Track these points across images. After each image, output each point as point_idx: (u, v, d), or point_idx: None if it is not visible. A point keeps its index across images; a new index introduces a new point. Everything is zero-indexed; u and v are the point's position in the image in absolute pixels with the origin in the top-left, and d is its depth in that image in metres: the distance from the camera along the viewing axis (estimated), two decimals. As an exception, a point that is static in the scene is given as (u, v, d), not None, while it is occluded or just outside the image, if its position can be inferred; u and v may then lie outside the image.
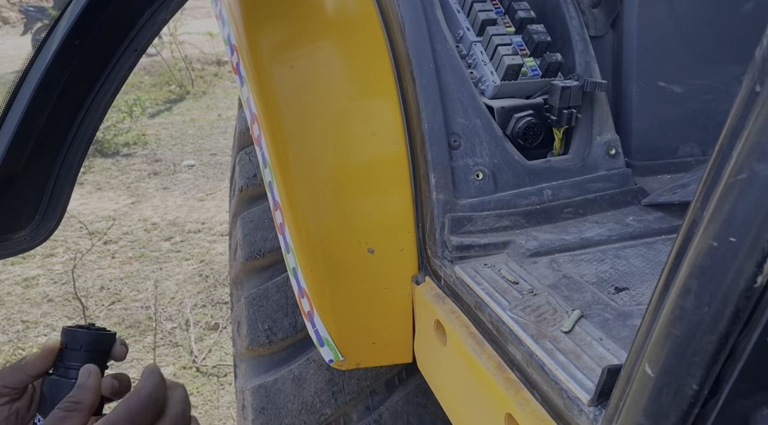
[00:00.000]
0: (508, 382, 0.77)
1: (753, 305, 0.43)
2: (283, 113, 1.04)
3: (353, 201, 1.02)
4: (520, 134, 1.02)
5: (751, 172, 0.40)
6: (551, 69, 1.05)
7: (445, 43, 1.03)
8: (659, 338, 0.49)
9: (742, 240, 0.42)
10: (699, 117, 1.15)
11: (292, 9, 1.13)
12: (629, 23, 1.13)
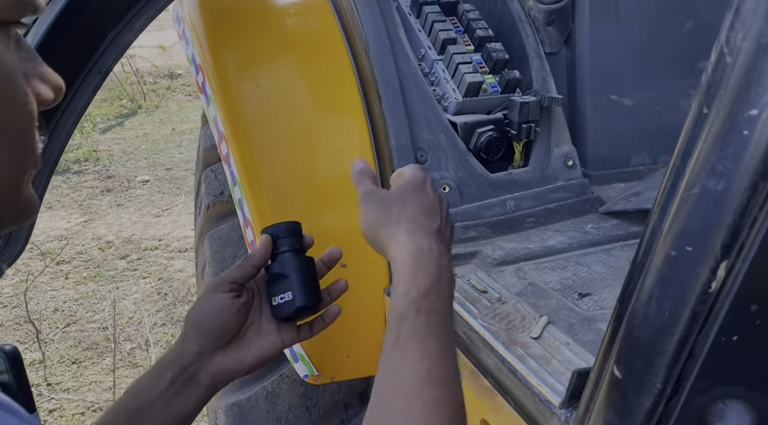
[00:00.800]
0: (482, 389, 0.80)
1: (708, 308, 0.47)
2: (251, 131, 1.05)
3: (324, 217, 1.04)
4: (483, 148, 1.06)
5: (703, 187, 0.44)
6: (510, 85, 1.09)
7: (408, 62, 1.07)
8: (625, 342, 0.52)
9: (697, 249, 0.46)
10: (648, 128, 1.22)
11: (256, 28, 1.14)
12: (581, 40, 1.19)
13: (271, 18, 1.18)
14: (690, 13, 1.21)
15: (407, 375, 0.56)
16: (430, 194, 0.68)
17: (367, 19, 1.08)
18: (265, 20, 1.16)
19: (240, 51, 1.12)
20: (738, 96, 0.41)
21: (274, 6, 1.21)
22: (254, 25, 1.15)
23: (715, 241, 0.45)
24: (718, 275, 0.45)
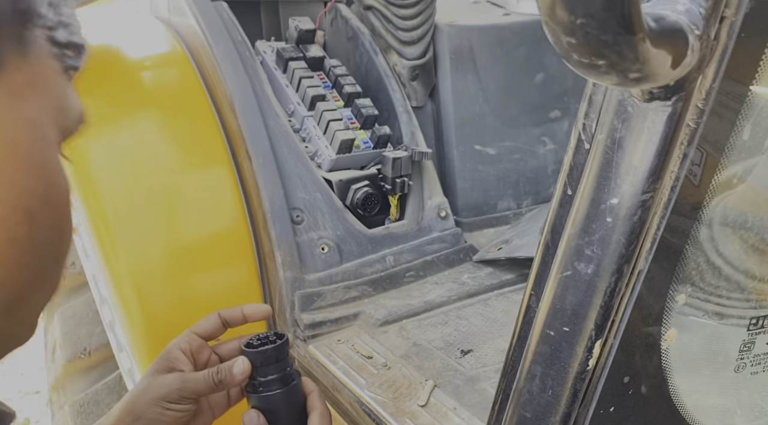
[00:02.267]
0: (374, 463, 0.77)
1: (587, 384, 0.48)
2: (104, 199, 0.95)
3: (194, 289, 0.96)
4: (359, 204, 1.05)
5: (575, 270, 0.46)
6: (381, 141, 1.10)
7: (277, 119, 1.04)
8: (512, 420, 0.52)
9: (574, 330, 0.47)
10: (511, 174, 1.29)
11: (107, 86, 1.05)
12: (445, 95, 1.23)
13: (124, 72, 1.09)
14: (539, 67, 1.31)
15: None
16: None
17: (230, 76, 1.04)
18: (118, 75, 1.08)
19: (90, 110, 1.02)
20: (599, 185, 0.43)
21: (128, 59, 1.12)
22: (105, 81, 1.05)
23: (590, 321, 0.46)
24: (593, 353, 0.47)
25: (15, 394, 2.92)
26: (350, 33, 1.22)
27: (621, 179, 0.42)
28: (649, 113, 0.40)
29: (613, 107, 0.42)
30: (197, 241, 0.99)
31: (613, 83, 0.32)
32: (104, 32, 1.14)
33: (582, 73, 0.32)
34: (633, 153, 0.41)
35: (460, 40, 1.23)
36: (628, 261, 0.44)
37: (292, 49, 1.16)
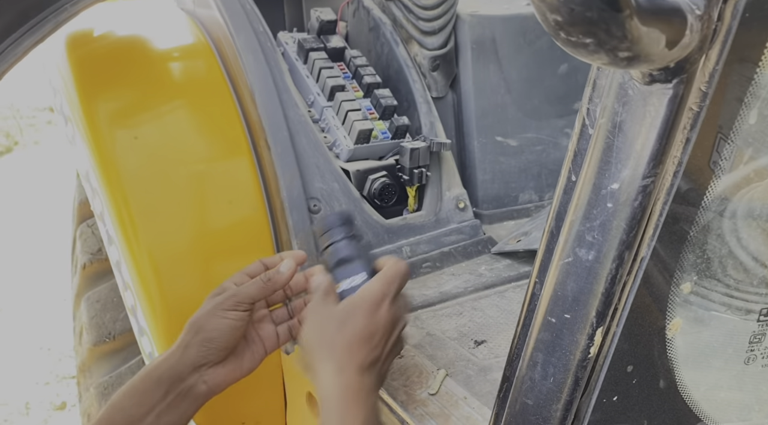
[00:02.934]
0: (384, 450, 0.77)
1: (589, 372, 0.48)
2: (128, 187, 0.98)
3: (212, 276, 0.98)
4: (377, 194, 1.06)
5: (576, 257, 0.45)
6: (400, 131, 1.10)
7: (297, 109, 1.04)
8: (514, 407, 0.52)
9: (575, 317, 0.46)
10: (533, 167, 1.27)
11: (132, 76, 1.08)
12: (466, 85, 1.23)
13: (149, 63, 1.12)
14: (563, 58, 1.29)
15: None
16: (380, 317, 0.67)
17: (251, 66, 1.05)
18: (142, 66, 1.10)
19: (114, 100, 1.05)
20: (600, 169, 0.43)
21: (152, 50, 1.15)
22: (130, 72, 1.08)
23: (591, 308, 0.46)
24: (595, 340, 0.46)
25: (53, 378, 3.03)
26: (372, 23, 1.22)
27: (621, 164, 0.41)
28: (649, 96, 0.39)
29: (614, 91, 0.41)
30: (217, 229, 1.01)
31: (605, 63, 0.32)
32: (131, 23, 1.17)
33: (572, 52, 0.32)
34: (634, 137, 0.40)
35: (482, 30, 1.22)
36: (630, 248, 0.43)
37: (313, 40, 1.17)
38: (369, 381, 0.64)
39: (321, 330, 0.67)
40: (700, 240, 0.45)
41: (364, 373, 0.64)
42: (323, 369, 0.64)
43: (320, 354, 0.65)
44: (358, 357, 0.64)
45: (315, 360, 0.66)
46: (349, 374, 0.63)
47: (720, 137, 0.42)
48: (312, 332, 0.68)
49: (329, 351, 0.65)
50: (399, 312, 0.70)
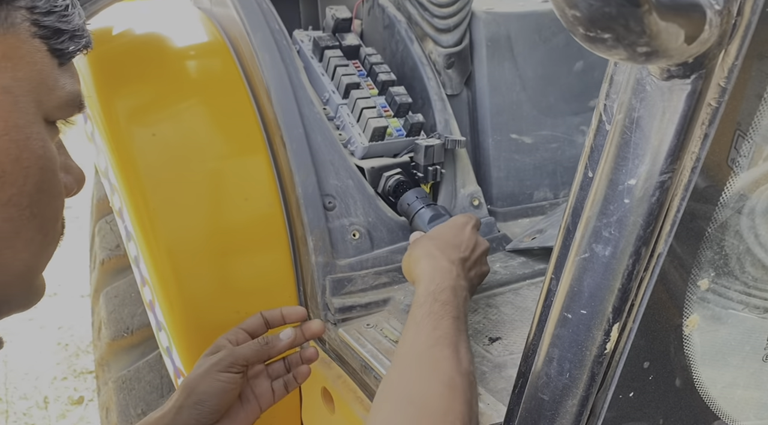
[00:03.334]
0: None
1: (605, 368, 0.48)
2: (146, 183, 0.99)
3: (229, 272, 0.99)
4: (391, 191, 1.06)
5: (592, 252, 0.45)
6: (414, 129, 1.10)
7: (312, 107, 1.05)
8: (530, 403, 0.52)
9: (591, 312, 0.46)
10: (548, 164, 1.27)
11: (149, 73, 1.09)
12: (480, 82, 1.22)
13: (166, 61, 1.13)
14: (578, 55, 1.28)
15: (420, 341, 0.64)
16: (463, 234, 0.82)
17: (267, 64, 1.06)
18: (159, 64, 1.11)
19: (132, 97, 1.06)
20: (617, 165, 0.43)
21: (170, 49, 1.16)
22: (148, 70, 1.09)
23: (607, 304, 0.46)
24: (611, 336, 0.46)
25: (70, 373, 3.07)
26: (386, 21, 1.23)
27: (639, 160, 0.41)
28: (667, 91, 0.39)
29: (631, 86, 0.41)
30: (233, 225, 1.02)
31: (623, 58, 0.32)
32: (149, 22, 1.19)
33: (590, 47, 0.32)
34: (651, 133, 0.40)
35: (498, 27, 1.22)
36: (647, 243, 0.43)
37: (329, 38, 1.18)
38: (458, 271, 0.74)
39: (417, 247, 0.80)
40: (718, 237, 0.45)
41: (454, 263, 0.75)
42: (418, 263, 0.76)
43: (415, 258, 0.77)
44: (449, 254, 0.76)
45: (413, 265, 0.77)
46: (440, 259, 0.75)
47: (738, 133, 0.42)
48: (410, 252, 0.81)
49: (424, 253, 0.77)
50: (480, 239, 0.83)
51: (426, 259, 0.76)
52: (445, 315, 0.67)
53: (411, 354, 0.64)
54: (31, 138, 0.42)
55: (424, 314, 0.67)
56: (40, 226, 0.44)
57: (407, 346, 0.65)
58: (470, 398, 0.60)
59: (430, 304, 0.68)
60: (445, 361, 0.62)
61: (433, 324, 0.65)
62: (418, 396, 0.58)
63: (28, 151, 0.42)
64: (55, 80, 0.45)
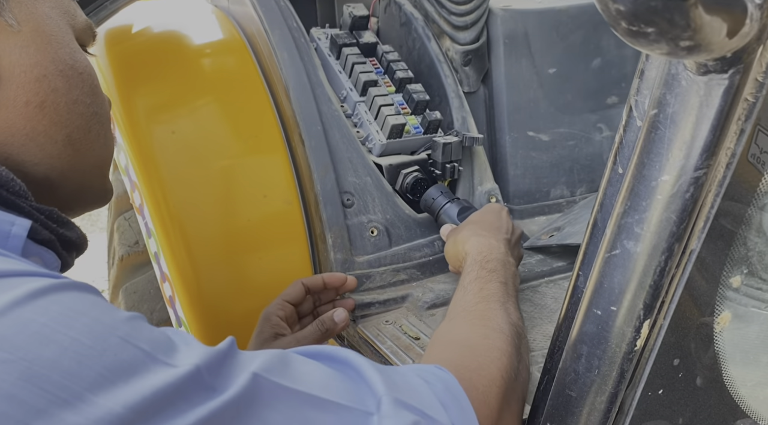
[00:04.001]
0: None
1: (635, 365, 0.48)
2: (166, 180, 1.00)
3: (248, 268, 1.00)
4: (409, 188, 1.06)
5: (623, 249, 0.45)
6: (432, 126, 1.10)
7: (330, 104, 1.05)
8: (557, 399, 0.52)
9: (621, 309, 0.46)
10: (565, 162, 1.26)
11: (169, 71, 1.10)
12: (498, 80, 1.22)
13: (185, 60, 1.14)
14: (596, 52, 1.28)
15: (467, 300, 0.67)
16: (502, 218, 0.87)
17: (285, 62, 1.06)
18: (178, 62, 1.12)
19: (152, 95, 1.07)
20: (651, 161, 0.43)
21: (188, 47, 1.17)
22: (167, 68, 1.10)
23: (638, 301, 0.45)
24: (642, 333, 0.46)
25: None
26: (403, 19, 1.23)
27: (673, 156, 0.41)
28: (703, 86, 0.39)
29: (666, 81, 0.41)
30: (252, 222, 1.02)
31: (664, 53, 0.32)
32: (168, 20, 1.19)
33: (630, 42, 0.32)
34: (686, 128, 0.40)
35: (515, 24, 1.22)
36: (679, 240, 0.43)
37: (346, 36, 1.18)
38: (501, 244, 0.79)
39: (459, 234, 0.84)
40: (751, 235, 0.45)
41: (500, 242, 0.79)
42: (464, 243, 0.80)
43: (461, 241, 0.81)
44: (495, 234, 0.81)
45: (459, 249, 0.81)
46: (487, 238, 0.79)
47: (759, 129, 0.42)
48: (452, 239, 0.86)
49: (469, 235, 0.81)
50: (515, 223, 0.89)
51: (473, 238, 0.79)
52: (492, 280, 0.70)
53: (457, 310, 0.67)
54: (77, 51, 0.51)
55: (471, 279, 0.71)
56: (102, 123, 0.53)
57: (454, 305, 0.69)
58: (518, 343, 0.62)
59: (477, 271, 0.72)
60: (491, 312, 0.65)
61: (479, 286, 0.69)
62: (464, 338, 0.61)
63: (78, 60, 0.50)
64: (74, 9, 0.53)
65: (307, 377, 0.40)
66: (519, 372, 0.59)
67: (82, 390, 0.30)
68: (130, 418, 0.30)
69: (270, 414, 0.36)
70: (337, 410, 0.40)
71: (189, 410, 0.32)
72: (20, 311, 0.31)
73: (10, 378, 0.29)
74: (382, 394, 0.42)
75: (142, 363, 0.33)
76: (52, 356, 0.30)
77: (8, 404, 0.28)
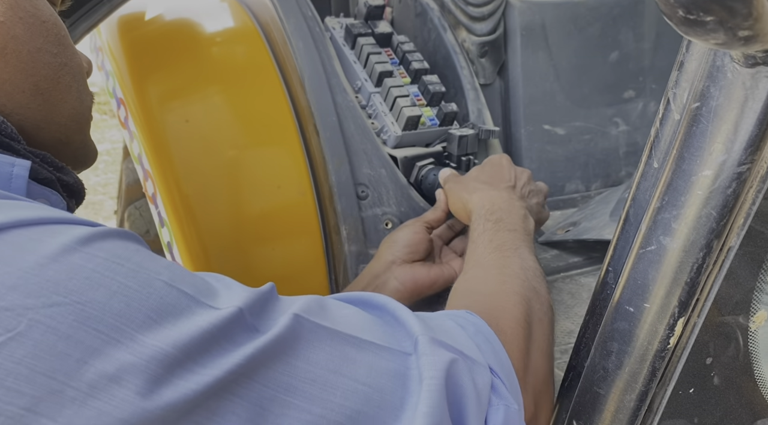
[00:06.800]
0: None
1: (666, 363, 0.47)
2: (179, 170, 0.99)
3: (260, 258, 0.99)
4: (423, 181, 1.05)
5: (659, 244, 0.44)
6: (448, 118, 1.09)
7: (345, 95, 1.04)
8: (585, 396, 0.51)
9: (655, 306, 0.45)
10: (580, 156, 1.25)
11: (182, 59, 1.08)
12: (514, 72, 1.21)
13: (198, 48, 1.12)
14: (614, 45, 1.26)
15: (478, 253, 0.67)
16: (503, 167, 0.87)
17: (300, 51, 1.05)
18: (192, 51, 1.11)
19: (166, 84, 1.06)
20: (691, 156, 0.41)
21: (202, 36, 1.16)
22: (180, 56, 1.09)
23: (673, 298, 0.44)
24: (675, 331, 0.45)
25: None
26: (419, 9, 1.21)
27: (715, 150, 0.40)
28: (750, 79, 0.37)
29: (710, 73, 0.40)
30: (266, 212, 1.02)
31: (719, 43, 0.31)
32: (181, 7, 1.18)
33: (685, 31, 0.31)
34: (730, 122, 0.39)
35: (532, 15, 1.20)
36: (719, 236, 0.42)
37: (361, 25, 1.16)
38: (508, 192, 0.79)
39: (462, 186, 0.85)
40: (790, 231, 0.44)
41: (504, 189, 0.80)
42: (470, 195, 0.80)
43: (466, 193, 0.81)
44: (496, 185, 0.82)
45: (465, 201, 0.81)
46: (492, 189, 0.80)
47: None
48: (455, 190, 0.86)
49: (473, 187, 0.82)
50: (518, 168, 0.88)
51: (475, 195, 0.79)
52: (499, 230, 0.70)
53: (471, 264, 0.67)
54: (41, 1, 0.51)
55: (479, 233, 0.71)
56: (73, 75, 0.52)
57: (467, 260, 0.69)
58: (536, 286, 0.61)
59: (483, 224, 0.72)
60: (505, 259, 0.64)
61: (488, 239, 0.69)
62: (482, 286, 0.61)
63: (39, 8, 0.50)
64: None
65: (345, 319, 0.42)
66: (544, 313, 0.59)
67: (133, 331, 0.32)
68: (178, 357, 0.32)
69: (312, 352, 0.37)
70: (375, 349, 0.41)
71: (234, 349, 0.34)
72: (70, 258, 0.33)
73: (67, 320, 0.31)
74: (419, 334, 0.43)
75: (186, 306, 0.35)
76: (103, 299, 0.32)
77: (66, 344, 0.30)
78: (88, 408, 0.30)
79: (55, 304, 0.31)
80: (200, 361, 0.33)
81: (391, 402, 0.39)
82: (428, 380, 0.40)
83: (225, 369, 0.33)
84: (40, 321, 0.30)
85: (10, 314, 0.30)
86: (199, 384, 0.32)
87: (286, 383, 0.35)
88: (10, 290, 0.30)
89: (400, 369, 0.41)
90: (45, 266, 0.32)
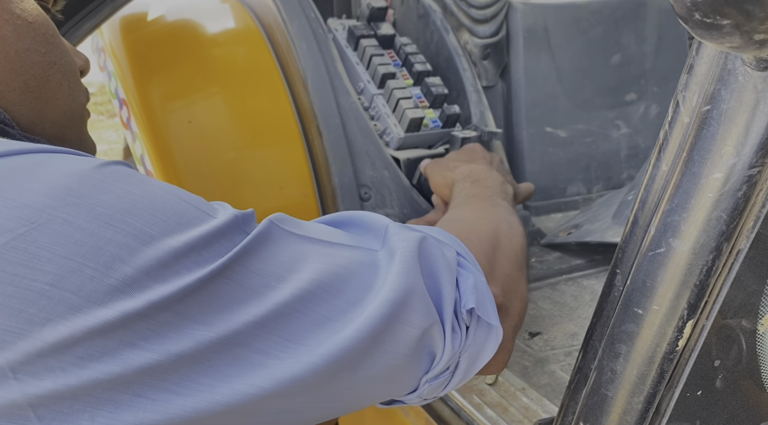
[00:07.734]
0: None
1: (674, 365, 0.47)
2: (182, 171, 0.99)
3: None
4: (426, 183, 1.05)
5: (668, 247, 0.44)
6: (450, 120, 1.09)
7: (348, 96, 1.04)
8: (592, 398, 0.51)
9: (664, 308, 0.45)
10: (582, 158, 1.25)
11: (185, 60, 1.08)
12: (516, 74, 1.21)
13: (201, 49, 1.12)
14: (616, 48, 1.26)
15: (458, 201, 0.75)
16: (477, 151, 0.95)
17: (304, 53, 1.05)
18: (194, 52, 1.11)
19: (168, 84, 1.06)
20: (701, 158, 0.42)
21: (204, 37, 1.16)
22: (183, 57, 1.09)
23: (682, 300, 0.44)
24: (684, 333, 0.45)
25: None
26: (421, 11, 1.21)
27: (726, 153, 0.40)
28: (762, 82, 0.38)
29: (720, 77, 0.40)
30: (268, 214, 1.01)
31: (734, 46, 0.31)
32: (184, 8, 1.18)
33: (700, 34, 0.31)
34: (741, 125, 0.39)
35: (535, 18, 1.20)
36: (728, 239, 0.42)
37: (364, 27, 1.16)
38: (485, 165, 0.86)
39: (443, 165, 0.91)
40: (799, 234, 0.44)
41: (481, 163, 0.87)
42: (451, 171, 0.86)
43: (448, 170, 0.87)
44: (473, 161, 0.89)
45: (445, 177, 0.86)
46: (468, 164, 0.86)
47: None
48: (437, 171, 0.91)
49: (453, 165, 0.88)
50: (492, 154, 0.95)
51: (456, 169, 0.85)
52: (477, 186, 0.78)
53: (449, 209, 0.74)
54: (24, 1, 0.51)
55: (458, 191, 0.78)
56: (63, 73, 0.53)
57: (449, 213, 0.73)
58: (508, 217, 0.67)
59: (462, 185, 0.79)
60: (479, 201, 0.73)
61: (466, 192, 0.77)
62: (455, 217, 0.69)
63: (26, 9, 0.50)
64: None
65: (317, 230, 0.47)
66: (513, 235, 0.64)
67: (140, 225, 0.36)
68: (187, 253, 0.37)
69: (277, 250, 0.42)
70: (345, 249, 0.45)
71: (231, 247, 0.39)
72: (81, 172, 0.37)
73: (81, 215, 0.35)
74: (388, 223, 0.49)
75: (192, 214, 0.39)
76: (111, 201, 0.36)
77: (82, 234, 0.35)
78: (105, 285, 0.34)
79: (69, 204, 0.35)
80: (205, 255, 0.38)
81: (361, 274, 0.44)
82: (401, 250, 0.45)
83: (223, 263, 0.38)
84: (57, 216, 0.35)
85: (31, 209, 0.34)
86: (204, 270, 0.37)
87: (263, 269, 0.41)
88: (29, 192, 0.35)
89: (371, 260, 0.46)
90: (60, 177, 0.36)
